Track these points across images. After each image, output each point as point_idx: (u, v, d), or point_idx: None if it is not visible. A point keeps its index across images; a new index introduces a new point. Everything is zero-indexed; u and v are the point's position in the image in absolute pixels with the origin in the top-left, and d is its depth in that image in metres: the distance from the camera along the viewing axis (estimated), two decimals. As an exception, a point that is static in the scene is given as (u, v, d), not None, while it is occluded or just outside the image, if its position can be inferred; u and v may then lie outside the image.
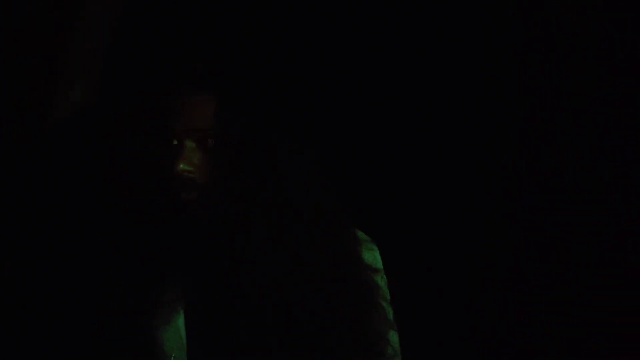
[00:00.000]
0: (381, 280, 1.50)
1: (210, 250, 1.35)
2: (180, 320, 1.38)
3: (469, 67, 1.88)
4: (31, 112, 1.58)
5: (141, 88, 1.41)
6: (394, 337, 1.47)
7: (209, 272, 1.36)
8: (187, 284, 1.38)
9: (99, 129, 1.42)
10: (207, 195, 1.37)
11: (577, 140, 1.82)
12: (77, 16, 1.56)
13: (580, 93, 1.81)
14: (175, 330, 1.38)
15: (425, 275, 1.90)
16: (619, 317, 1.78)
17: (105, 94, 1.43)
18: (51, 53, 1.56)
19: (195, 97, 1.39)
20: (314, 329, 1.35)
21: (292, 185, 1.41)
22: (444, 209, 1.91)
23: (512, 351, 1.85)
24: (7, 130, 1.60)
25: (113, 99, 1.43)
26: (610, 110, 1.80)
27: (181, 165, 1.36)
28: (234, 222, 1.36)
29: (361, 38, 1.87)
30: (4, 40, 1.59)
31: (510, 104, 1.86)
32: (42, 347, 1.34)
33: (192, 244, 1.36)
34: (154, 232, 1.36)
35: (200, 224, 1.36)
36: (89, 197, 1.38)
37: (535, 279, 1.85)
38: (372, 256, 1.51)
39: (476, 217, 1.90)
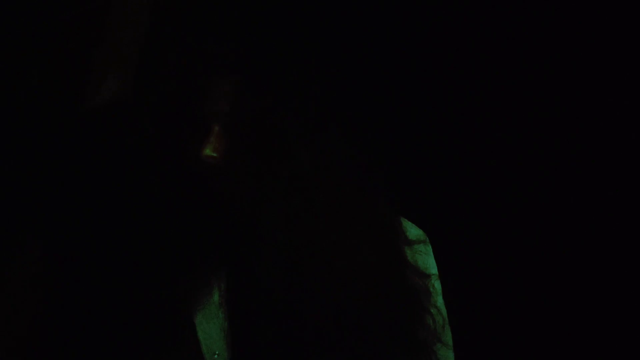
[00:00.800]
0: (433, 286, 1.40)
1: (241, 244, 1.29)
2: (222, 317, 1.32)
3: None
4: (64, 103, 1.55)
5: (169, 75, 1.34)
6: (443, 350, 1.38)
7: (245, 268, 1.30)
8: (227, 280, 1.32)
9: (128, 118, 1.37)
10: (236, 183, 1.30)
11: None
12: (110, 6, 1.52)
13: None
14: (217, 327, 1.32)
15: (488, 281, 1.79)
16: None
17: (139, 84, 1.37)
18: (84, 44, 1.52)
19: (220, 79, 1.32)
20: (354, 337, 1.28)
21: (329, 173, 1.33)
22: (514, 203, 1.80)
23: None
24: (41, 120, 1.55)
25: (144, 89, 1.37)
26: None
27: (207, 151, 1.29)
28: (270, 214, 1.29)
29: (388, 22, 1.78)
30: (36, 31, 1.56)
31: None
32: (81, 344, 1.30)
33: (224, 235, 1.29)
34: (184, 223, 1.30)
35: (229, 212, 1.29)
36: (118, 190, 1.33)
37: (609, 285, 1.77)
38: (423, 257, 1.42)
39: (552, 215, 1.80)
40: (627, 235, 1.78)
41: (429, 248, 1.44)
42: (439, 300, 1.41)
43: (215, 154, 1.29)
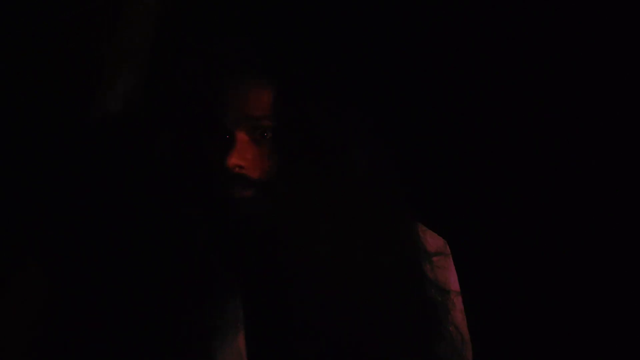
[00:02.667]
0: (452, 302, 1.34)
1: (267, 258, 1.24)
2: (241, 340, 1.27)
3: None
4: (75, 106, 1.52)
5: (188, 77, 1.29)
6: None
7: (265, 284, 1.25)
8: (245, 299, 1.27)
9: (144, 124, 1.31)
10: (262, 193, 1.26)
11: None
12: (122, 4, 1.49)
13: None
14: (236, 352, 1.26)
15: (512, 298, 1.71)
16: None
17: (152, 85, 1.31)
18: (95, 43, 1.48)
19: (247, 83, 1.27)
20: (372, 353, 1.23)
21: (359, 183, 1.28)
22: (545, 214, 1.72)
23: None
24: (53, 124, 1.52)
25: (159, 91, 1.31)
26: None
27: (233, 160, 1.24)
28: (293, 226, 1.25)
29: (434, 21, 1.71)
30: (47, 32, 1.53)
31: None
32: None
33: (248, 251, 1.25)
34: (205, 239, 1.25)
35: (255, 227, 1.25)
36: (133, 199, 1.28)
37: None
38: (442, 271, 1.35)
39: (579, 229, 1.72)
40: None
41: (449, 261, 1.38)
42: (459, 318, 1.35)
43: (243, 163, 1.25)
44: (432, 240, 1.37)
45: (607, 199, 1.70)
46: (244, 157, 1.24)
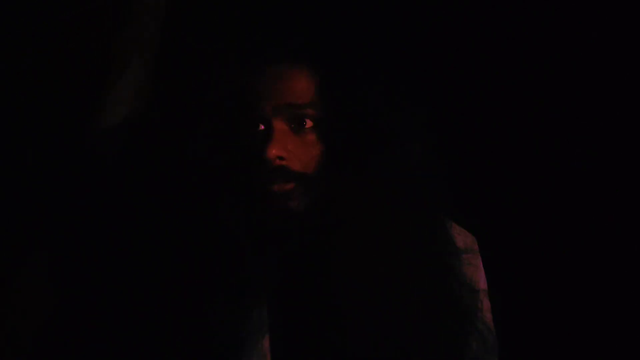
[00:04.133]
0: (482, 302, 1.28)
1: (304, 258, 1.18)
2: (266, 345, 1.21)
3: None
4: (83, 107, 1.46)
5: (217, 65, 1.23)
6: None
7: (300, 286, 1.19)
8: (274, 302, 1.21)
9: (168, 119, 1.25)
10: (304, 188, 1.19)
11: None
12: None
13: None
14: (261, 356, 1.21)
15: (543, 299, 1.65)
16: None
17: (166, 74, 1.27)
18: (101, 42, 1.44)
19: (283, 67, 1.20)
20: (400, 356, 1.18)
21: (406, 178, 1.22)
22: (582, 210, 1.65)
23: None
24: (60, 125, 1.47)
25: (179, 80, 1.26)
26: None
27: (273, 151, 1.17)
28: (337, 224, 1.18)
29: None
30: (51, 31, 1.48)
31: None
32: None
33: (283, 251, 1.19)
34: (238, 238, 1.19)
35: (294, 224, 1.18)
36: (161, 202, 1.21)
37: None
38: (472, 269, 1.29)
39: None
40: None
41: (479, 259, 1.32)
42: (488, 318, 1.30)
43: (283, 154, 1.18)
44: (462, 237, 1.31)
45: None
46: (284, 148, 1.18)
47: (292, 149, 1.19)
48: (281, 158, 1.18)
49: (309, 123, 1.20)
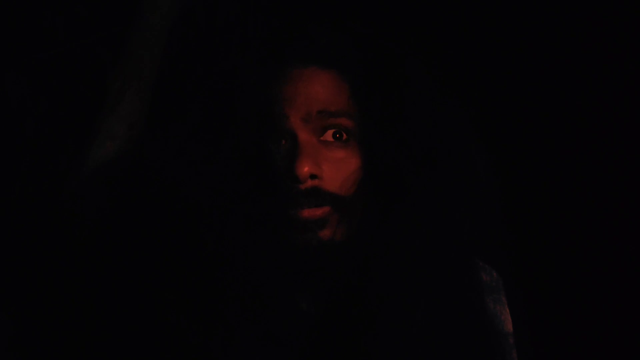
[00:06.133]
0: (508, 344, 1.17)
1: (339, 302, 1.00)
2: None
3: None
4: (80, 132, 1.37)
5: (227, 65, 1.05)
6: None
7: (334, 337, 1.01)
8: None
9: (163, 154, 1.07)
10: (340, 214, 1.01)
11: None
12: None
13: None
14: None
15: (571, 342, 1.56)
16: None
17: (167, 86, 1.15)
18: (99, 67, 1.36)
19: (310, 70, 1.03)
20: None
21: (459, 204, 1.05)
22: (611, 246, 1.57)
23: None
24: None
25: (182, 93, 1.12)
26: None
27: (305, 169, 0.99)
28: (380, 260, 1.00)
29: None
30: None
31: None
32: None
33: (314, 294, 1.02)
34: (259, 280, 1.00)
35: (328, 259, 1.01)
36: (159, 247, 1.03)
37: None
38: (499, 309, 1.18)
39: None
40: None
41: (504, 298, 1.21)
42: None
43: (315, 173, 1.01)
44: (486, 273, 1.19)
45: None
46: (317, 164, 1.00)
47: (325, 167, 1.02)
48: (314, 176, 1.01)
49: (343, 136, 1.03)
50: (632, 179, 1.55)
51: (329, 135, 1.03)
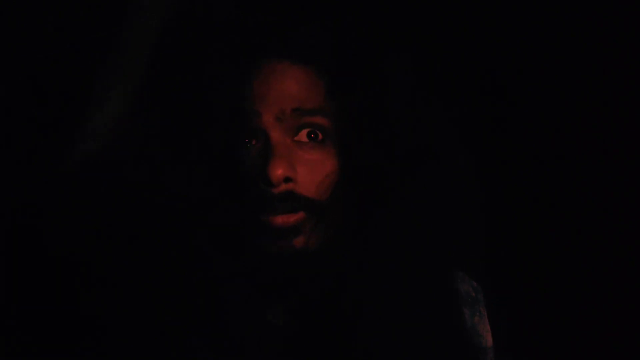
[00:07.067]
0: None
1: (314, 314, 0.96)
2: None
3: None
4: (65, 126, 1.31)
5: (200, 63, 0.99)
6: None
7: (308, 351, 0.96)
8: None
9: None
10: (316, 220, 0.96)
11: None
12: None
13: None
14: None
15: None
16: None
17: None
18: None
19: (284, 65, 0.98)
20: None
21: (442, 208, 1.01)
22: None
23: None
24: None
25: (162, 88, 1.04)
26: None
27: (279, 171, 0.94)
28: (358, 269, 0.95)
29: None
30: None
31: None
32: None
33: (287, 305, 0.97)
34: (228, 290, 0.95)
35: (302, 268, 0.96)
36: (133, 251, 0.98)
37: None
38: (478, 322, 1.13)
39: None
40: None
41: (484, 310, 1.16)
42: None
43: (289, 175, 0.95)
44: (466, 284, 1.14)
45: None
46: (290, 167, 0.95)
47: (300, 169, 0.96)
48: (288, 180, 0.95)
49: (319, 136, 0.98)
50: (618, 188, 1.52)
51: (303, 135, 0.97)
